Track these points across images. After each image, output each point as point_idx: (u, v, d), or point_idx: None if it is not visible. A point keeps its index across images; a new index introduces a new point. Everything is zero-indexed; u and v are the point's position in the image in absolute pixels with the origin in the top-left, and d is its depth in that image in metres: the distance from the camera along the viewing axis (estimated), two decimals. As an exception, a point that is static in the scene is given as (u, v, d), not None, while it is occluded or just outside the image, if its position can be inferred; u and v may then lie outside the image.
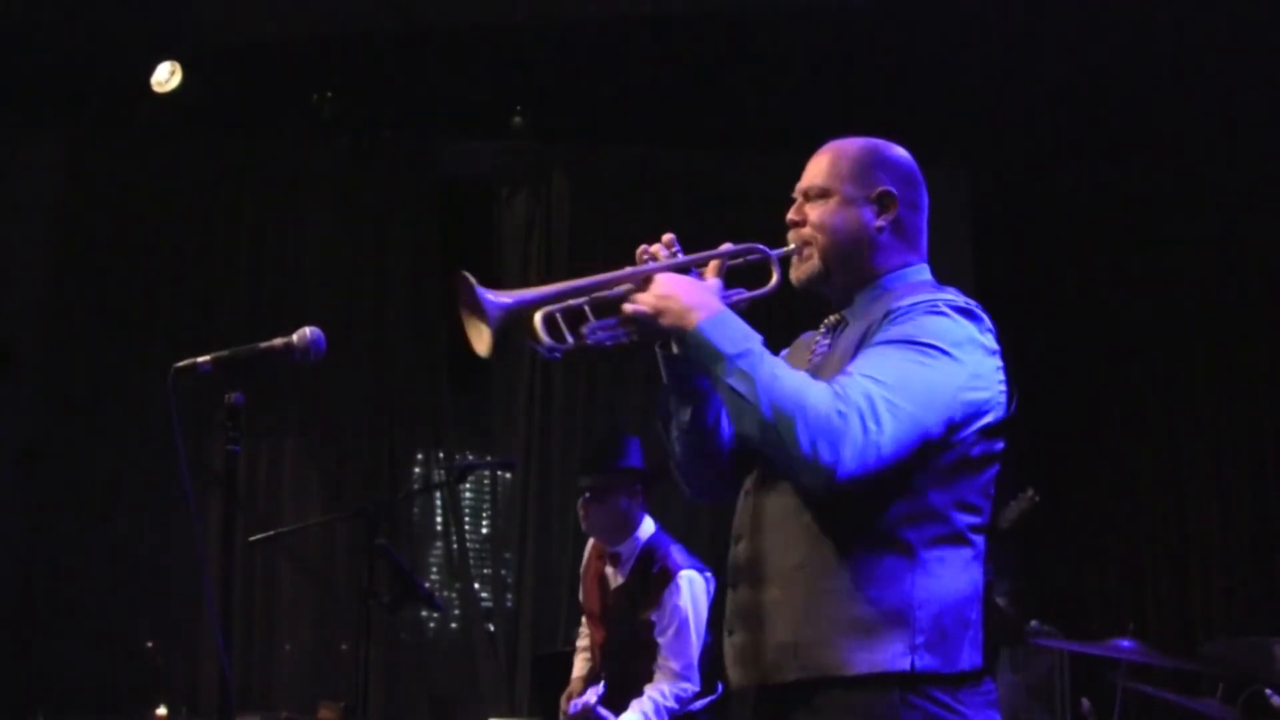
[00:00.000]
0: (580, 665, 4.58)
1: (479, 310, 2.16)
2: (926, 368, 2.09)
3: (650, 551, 4.31)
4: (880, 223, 2.32)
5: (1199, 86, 6.08)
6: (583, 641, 4.65)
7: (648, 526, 4.39)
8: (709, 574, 4.26)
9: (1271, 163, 6.26)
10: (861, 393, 2.05)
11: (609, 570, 4.43)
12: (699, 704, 4.20)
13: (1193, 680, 5.37)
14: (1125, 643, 4.59)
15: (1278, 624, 5.61)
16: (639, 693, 4.17)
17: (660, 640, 4.18)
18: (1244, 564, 6.40)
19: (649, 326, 2.21)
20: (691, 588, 4.21)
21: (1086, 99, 6.31)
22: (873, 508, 2.11)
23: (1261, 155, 6.29)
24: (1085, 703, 5.07)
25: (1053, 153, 6.84)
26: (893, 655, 2.07)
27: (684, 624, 4.16)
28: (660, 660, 4.18)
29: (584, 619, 4.66)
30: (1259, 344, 6.50)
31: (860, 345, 2.19)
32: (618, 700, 4.20)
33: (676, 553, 4.28)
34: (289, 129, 6.99)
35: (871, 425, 2.02)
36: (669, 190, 7.11)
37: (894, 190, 2.32)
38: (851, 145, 2.37)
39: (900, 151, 2.39)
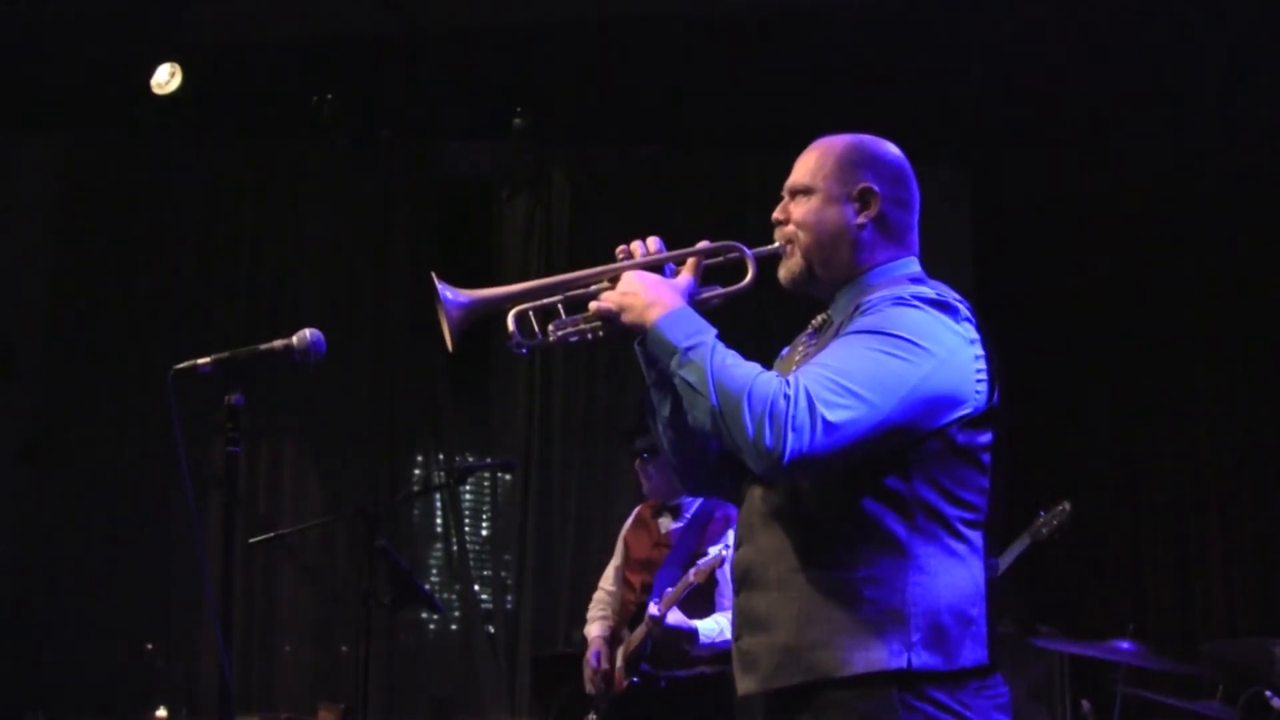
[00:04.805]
0: (599, 627, 4.56)
1: (442, 308, 2.27)
2: (887, 356, 2.08)
3: (710, 501, 4.35)
4: (861, 220, 2.30)
5: (1199, 86, 6.08)
6: (598, 611, 4.64)
7: None
8: None
9: (1272, 161, 6.26)
10: (813, 379, 2.05)
11: (663, 520, 4.49)
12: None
13: (1193, 681, 5.37)
14: (1125, 644, 4.58)
15: (1278, 625, 5.61)
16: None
17: (725, 577, 4.17)
18: (1244, 565, 6.39)
19: (612, 323, 2.26)
20: None
21: (1086, 99, 6.31)
22: (858, 502, 2.12)
23: (1263, 154, 6.28)
24: (1085, 704, 5.06)
25: (1053, 153, 6.84)
26: (889, 654, 2.07)
27: None
28: (729, 594, 4.14)
29: (603, 585, 4.67)
30: (1259, 343, 6.49)
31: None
32: (663, 645, 4.17)
33: (732, 506, 4.31)
34: (289, 130, 6.99)
35: (822, 409, 2.01)
36: (669, 190, 7.11)
37: (876, 187, 2.30)
38: (837, 142, 2.36)
39: (888, 148, 2.38)
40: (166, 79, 6.24)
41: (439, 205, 7.21)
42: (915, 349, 2.09)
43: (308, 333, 2.72)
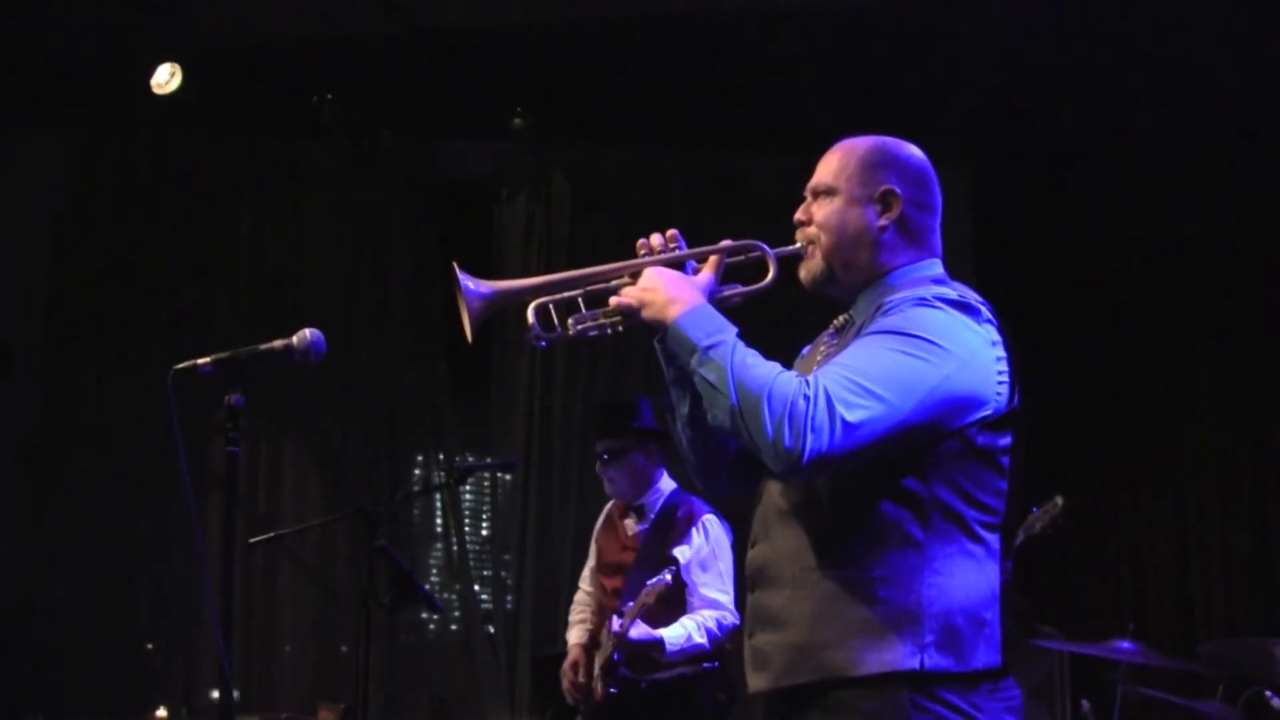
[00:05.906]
0: (578, 633, 4.55)
1: (463, 298, 2.27)
2: (908, 357, 2.08)
3: (674, 499, 4.39)
4: (883, 222, 2.30)
5: (1199, 85, 6.08)
6: (577, 614, 4.63)
7: (668, 481, 4.46)
8: (727, 525, 4.33)
9: (1273, 160, 6.26)
10: (832, 379, 2.05)
11: (629, 521, 4.48)
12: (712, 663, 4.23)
13: (1193, 681, 5.37)
14: (1125, 644, 4.59)
15: (1277, 625, 5.61)
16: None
17: (693, 578, 4.22)
18: (1244, 565, 6.39)
19: (632, 319, 2.26)
20: (718, 529, 4.31)
21: (1086, 98, 6.31)
22: (875, 502, 2.12)
23: (1263, 153, 6.28)
24: (1085, 704, 5.06)
25: (1053, 153, 6.84)
26: (902, 655, 2.07)
27: (715, 558, 4.24)
28: (698, 594, 4.21)
29: (583, 585, 4.67)
30: (1260, 343, 6.49)
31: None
32: (632, 656, 4.19)
33: (698, 503, 4.36)
34: (289, 130, 6.99)
35: (841, 409, 2.01)
36: (669, 190, 7.10)
37: (898, 189, 2.31)
38: (860, 144, 2.37)
39: (911, 150, 2.38)
40: (166, 79, 6.24)
41: (439, 205, 7.21)
42: (936, 350, 2.09)
43: (308, 333, 2.72)
